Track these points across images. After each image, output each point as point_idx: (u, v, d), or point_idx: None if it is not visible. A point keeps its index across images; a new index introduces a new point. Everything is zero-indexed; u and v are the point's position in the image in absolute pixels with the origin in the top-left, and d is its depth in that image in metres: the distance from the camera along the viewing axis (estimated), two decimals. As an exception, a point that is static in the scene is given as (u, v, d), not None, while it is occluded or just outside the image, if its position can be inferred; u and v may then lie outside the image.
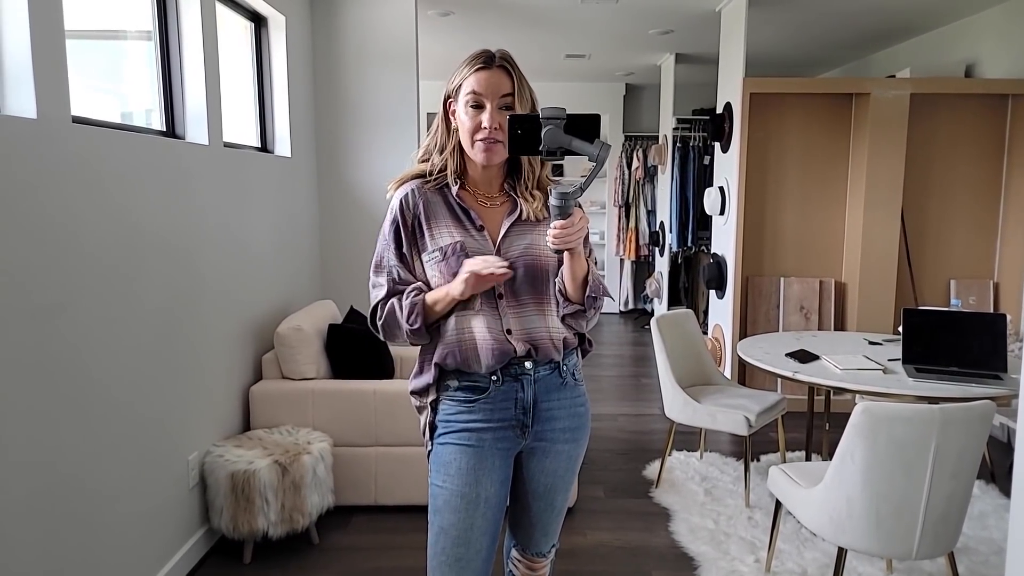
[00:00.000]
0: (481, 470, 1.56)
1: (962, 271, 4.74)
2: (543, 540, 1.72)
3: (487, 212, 1.60)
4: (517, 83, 1.52)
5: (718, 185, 4.97)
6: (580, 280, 1.53)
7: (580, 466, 1.72)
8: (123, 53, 2.74)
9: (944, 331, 2.87)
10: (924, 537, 2.12)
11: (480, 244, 1.56)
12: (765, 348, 3.26)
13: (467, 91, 1.52)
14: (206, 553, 2.80)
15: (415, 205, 1.58)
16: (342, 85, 4.19)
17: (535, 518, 1.69)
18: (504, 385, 1.57)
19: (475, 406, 1.58)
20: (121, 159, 2.23)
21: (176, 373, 2.58)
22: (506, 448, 1.60)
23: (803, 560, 2.74)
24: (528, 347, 1.56)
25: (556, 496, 1.68)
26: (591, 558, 2.82)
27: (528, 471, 1.65)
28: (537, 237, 1.57)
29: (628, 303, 8.19)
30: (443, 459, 1.58)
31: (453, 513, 1.55)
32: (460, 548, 1.55)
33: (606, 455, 3.91)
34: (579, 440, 1.67)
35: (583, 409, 1.68)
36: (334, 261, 4.32)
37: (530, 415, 1.59)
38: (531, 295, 1.57)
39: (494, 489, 1.57)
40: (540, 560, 1.75)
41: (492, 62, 1.52)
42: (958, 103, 4.60)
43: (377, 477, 3.14)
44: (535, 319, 1.58)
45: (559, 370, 1.62)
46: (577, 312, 1.57)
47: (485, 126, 1.50)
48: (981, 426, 2.08)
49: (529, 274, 1.56)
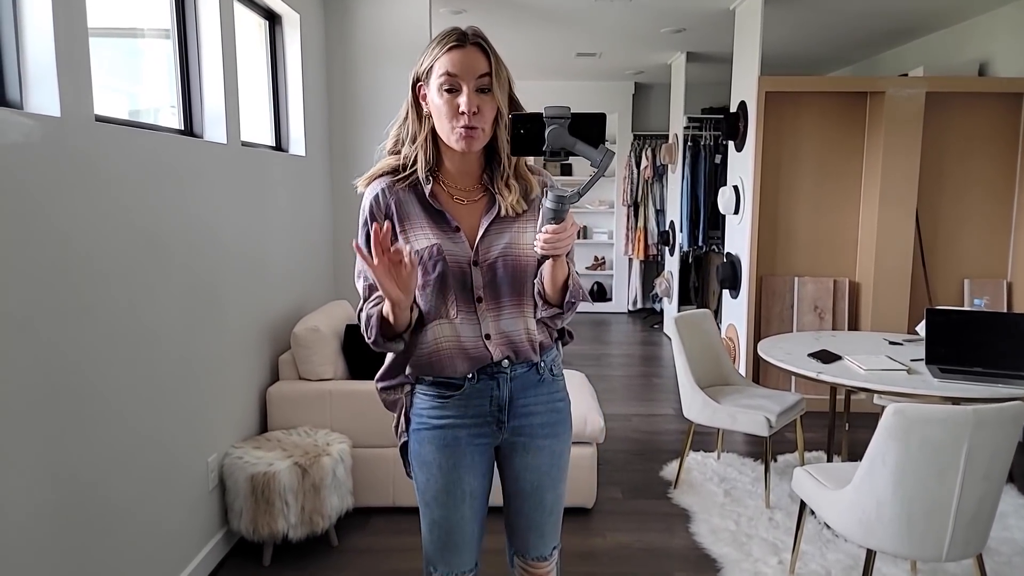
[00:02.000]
0: (461, 467, 1.55)
1: (976, 270, 4.71)
2: (540, 543, 1.67)
3: (463, 210, 1.50)
4: (494, 62, 1.41)
5: (732, 184, 4.95)
6: (560, 284, 1.46)
7: (568, 463, 1.67)
8: (132, 51, 2.72)
9: (968, 331, 2.85)
10: (955, 539, 2.10)
11: (457, 246, 1.48)
12: (786, 349, 3.23)
13: (440, 72, 1.40)
14: (225, 555, 2.78)
15: (387, 207, 1.48)
16: (356, 84, 4.17)
17: (527, 519, 1.65)
18: (479, 383, 1.53)
19: (448, 403, 1.54)
20: (142, 158, 2.21)
21: (196, 372, 2.56)
22: (483, 443, 1.58)
23: (826, 561, 2.72)
24: (507, 352, 1.52)
25: (545, 494, 1.63)
26: (612, 560, 2.80)
27: (512, 470, 1.62)
28: (517, 235, 1.49)
29: (637, 303, 8.17)
30: (423, 458, 1.57)
31: (441, 508, 1.57)
32: (453, 536, 1.58)
33: (621, 455, 3.89)
34: (560, 435, 1.62)
35: (562, 404, 1.63)
36: (348, 261, 4.30)
37: (505, 412, 1.56)
38: (511, 296, 1.51)
39: (477, 482, 1.58)
40: (542, 564, 1.69)
41: (465, 40, 1.41)
42: (972, 102, 4.57)
43: (395, 478, 3.12)
44: (514, 321, 1.52)
45: (536, 367, 1.57)
46: (555, 315, 1.52)
47: (463, 110, 1.38)
48: (1014, 427, 2.06)
49: (509, 274, 1.49)
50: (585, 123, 1.31)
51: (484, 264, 1.48)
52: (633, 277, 8.18)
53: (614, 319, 7.96)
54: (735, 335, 4.93)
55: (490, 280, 1.48)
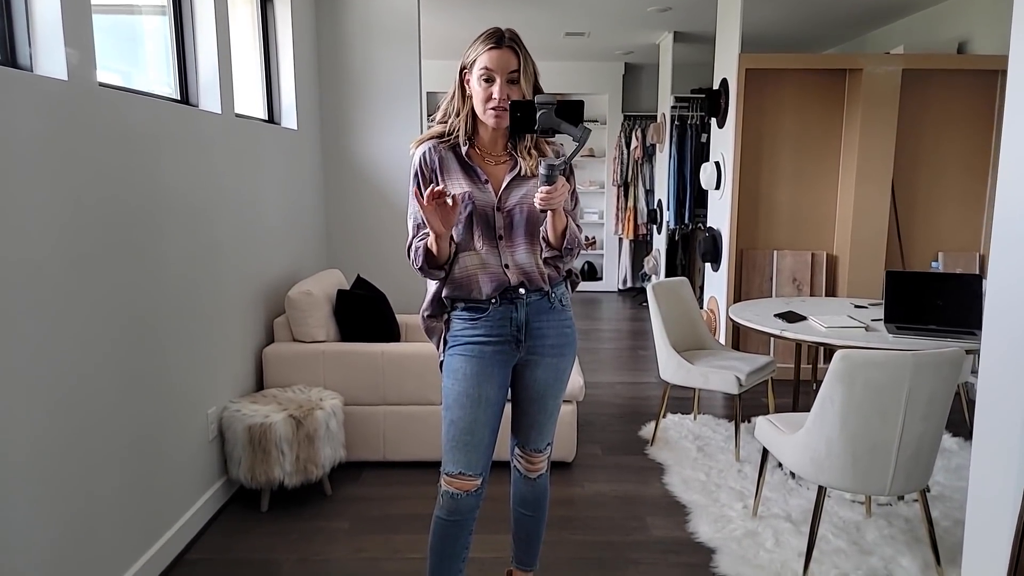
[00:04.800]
0: (482, 376, 1.88)
1: (950, 243, 4.88)
2: (539, 438, 2.04)
3: (491, 169, 1.90)
4: (522, 61, 1.80)
5: (714, 160, 5.10)
6: (560, 232, 1.83)
7: (569, 378, 2.03)
8: (129, 29, 2.85)
9: (924, 291, 3.02)
10: (897, 475, 2.28)
11: (484, 194, 1.87)
12: (755, 311, 3.40)
13: (480, 66, 1.80)
14: (226, 502, 2.96)
15: (432, 161, 1.88)
16: (346, 61, 4.31)
17: (532, 419, 2.01)
18: (501, 307, 1.89)
19: (477, 323, 1.89)
20: (144, 123, 2.36)
21: (194, 330, 2.72)
22: (504, 359, 1.91)
23: (788, 506, 2.90)
24: (521, 278, 1.88)
25: (548, 400, 1.99)
26: (589, 506, 2.98)
27: (524, 380, 1.97)
28: (533, 189, 1.83)
29: (627, 281, 8.33)
30: (452, 367, 1.91)
31: (460, 409, 1.88)
32: (467, 436, 1.88)
33: (603, 418, 4.06)
34: (565, 355, 1.98)
35: (569, 330, 1.99)
36: (339, 232, 4.45)
37: (523, 332, 1.91)
38: (524, 237, 1.88)
39: (494, 392, 1.90)
40: (537, 455, 2.06)
41: (502, 42, 1.80)
42: (949, 79, 4.71)
43: (386, 434, 3.30)
44: (527, 256, 1.88)
45: (548, 297, 1.93)
46: (555, 257, 1.88)
47: (495, 97, 1.79)
48: (951, 371, 2.23)
49: (524, 219, 1.86)
50: (568, 108, 1.69)
51: (505, 209, 1.87)
52: (623, 256, 8.33)
53: (604, 298, 8.13)
54: (716, 307, 5.10)
55: (509, 223, 1.87)
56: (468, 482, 1.90)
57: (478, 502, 1.94)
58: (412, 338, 3.78)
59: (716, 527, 2.75)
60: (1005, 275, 1.70)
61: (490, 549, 2.57)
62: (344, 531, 2.78)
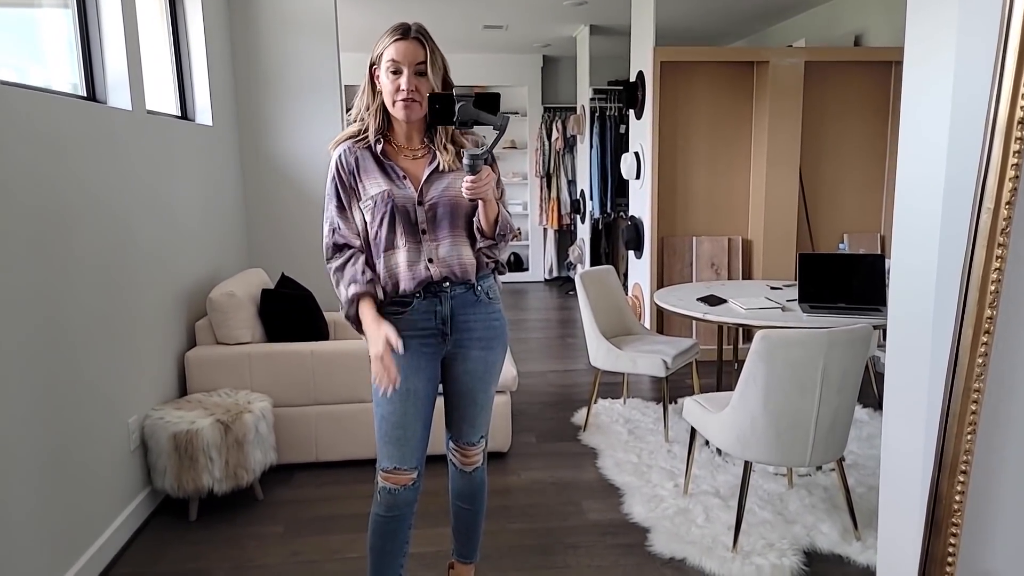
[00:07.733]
0: (409, 369, 1.88)
1: (854, 225, 5.17)
2: (471, 431, 2.04)
3: (409, 164, 1.89)
4: (430, 52, 1.79)
5: (634, 151, 5.22)
6: (492, 220, 1.86)
7: (500, 371, 2.04)
8: (25, 23, 2.69)
9: (833, 272, 3.20)
10: (816, 447, 2.41)
11: (404, 191, 1.86)
12: (679, 296, 3.52)
13: (388, 59, 1.78)
14: (151, 513, 2.85)
15: (348, 163, 1.88)
16: (262, 55, 4.18)
17: (463, 413, 2.02)
18: (425, 300, 1.89)
19: (401, 318, 1.89)
20: (45, 122, 2.23)
21: (111, 337, 2.60)
22: (431, 352, 1.92)
23: (716, 483, 3.03)
24: (445, 272, 1.88)
25: (477, 394, 2.00)
26: (526, 494, 3.02)
27: (453, 373, 1.98)
28: (453, 182, 1.85)
29: (552, 271, 8.43)
30: None
31: (390, 404, 1.88)
32: (399, 430, 1.89)
33: (536, 407, 4.12)
34: (494, 348, 1.98)
35: (498, 323, 1.99)
36: (261, 230, 4.33)
37: (448, 325, 1.91)
38: (449, 230, 1.88)
39: (422, 385, 1.91)
40: (471, 448, 2.06)
41: (408, 34, 1.78)
42: (848, 70, 4.98)
43: (318, 435, 3.24)
44: (452, 249, 1.88)
45: (474, 290, 1.93)
46: (491, 246, 1.91)
47: (403, 88, 1.78)
48: (861, 346, 2.37)
49: (447, 212, 1.87)
50: (486, 99, 1.72)
51: (427, 203, 1.85)
52: (548, 247, 8.43)
53: (531, 288, 8.21)
54: (640, 293, 5.24)
55: (432, 216, 1.86)
56: (403, 476, 1.91)
57: (415, 496, 1.95)
58: (341, 336, 3.72)
59: (649, 507, 2.84)
60: (906, 254, 1.83)
61: (430, 543, 2.58)
62: (278, 535, 2.72)
